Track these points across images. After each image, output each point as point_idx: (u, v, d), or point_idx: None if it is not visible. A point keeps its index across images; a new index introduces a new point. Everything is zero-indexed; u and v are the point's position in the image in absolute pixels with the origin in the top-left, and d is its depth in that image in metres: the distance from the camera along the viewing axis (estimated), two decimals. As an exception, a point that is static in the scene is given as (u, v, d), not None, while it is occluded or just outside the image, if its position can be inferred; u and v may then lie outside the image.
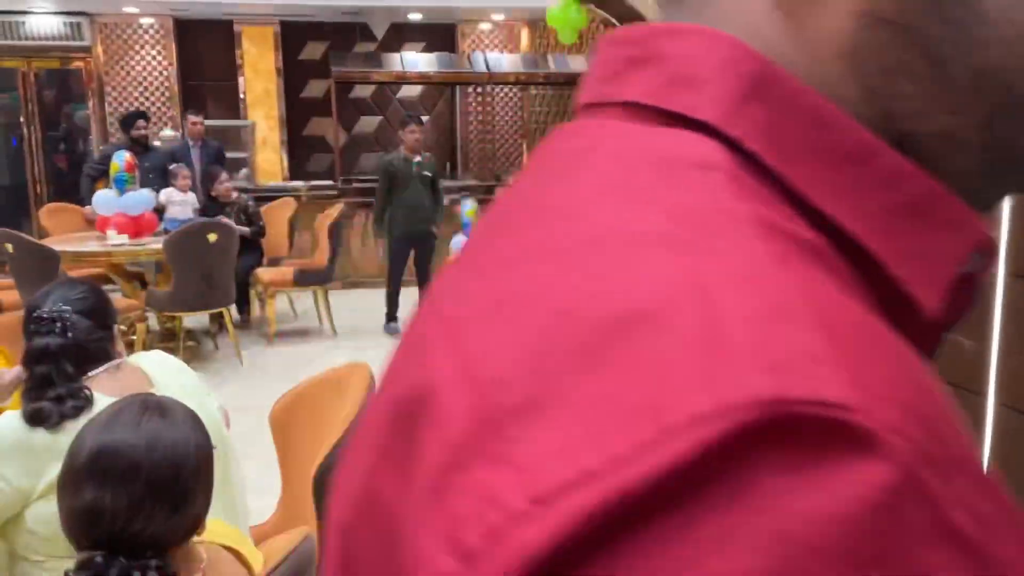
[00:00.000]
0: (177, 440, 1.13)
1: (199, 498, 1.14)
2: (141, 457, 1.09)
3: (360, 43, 9.64)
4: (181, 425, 1.16)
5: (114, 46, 8.85)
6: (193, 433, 1.16)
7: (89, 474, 1.07)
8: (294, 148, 9.61)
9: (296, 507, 1.98)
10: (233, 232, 5.58)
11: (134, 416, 1.12)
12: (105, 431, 1.10)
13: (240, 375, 5.43)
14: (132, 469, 1.08)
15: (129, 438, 1.10)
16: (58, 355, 1.58)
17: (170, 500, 1.09)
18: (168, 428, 1.13)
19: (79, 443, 1.11)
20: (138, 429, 1.11)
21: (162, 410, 1.16)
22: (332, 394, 2.01)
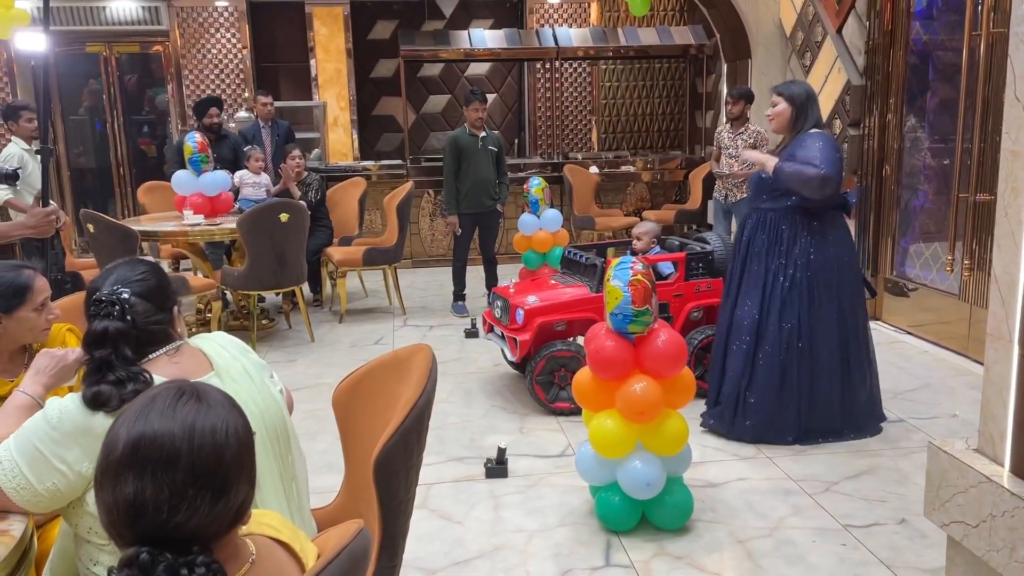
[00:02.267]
0: (216, 425, 1.09)
1: (243, 484, 1.10)
2: (180, 444, 1.05)
3: (428, 21, 9.61)
4: (219, 409, 1.12)
5: (190, 30, 9.04)
6: (232, 417, 1.12)
7: (127, 466, 1.04)
8: (364, 128, 9.67)
9: (359, 489, 1.96)
10: (304, 212, 5.64)
11: (170, 403, 1.09)
12: (141, 420, 1.06)
13: (312, 353, 5.51)
14: (172, 457, 1.05)
15: (167, 426, 1.06)
16: (117, 338, 1.57)
17: (213, 488, 1.06)
18: (206, 413, 1.10)
19: (113, 435, 1.07)
20: (175, 416, 1.07)
21: (198, 395, 1.12)
22: (394, 376, 1.98)
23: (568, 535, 3.07)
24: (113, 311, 1.59)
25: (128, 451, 1.05)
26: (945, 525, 2.22)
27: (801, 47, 6.55)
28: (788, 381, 3.76)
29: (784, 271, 3.77)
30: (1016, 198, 1.99)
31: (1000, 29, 4.58)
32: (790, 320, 3.75)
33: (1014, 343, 2.00)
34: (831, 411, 3.80)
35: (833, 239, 3.77)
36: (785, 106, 3.79)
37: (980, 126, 4.68)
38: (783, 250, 3.77)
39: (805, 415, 3.78)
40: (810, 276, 3.74)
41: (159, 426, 1.06)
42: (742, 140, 6.32)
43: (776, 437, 3.78)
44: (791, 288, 3.75)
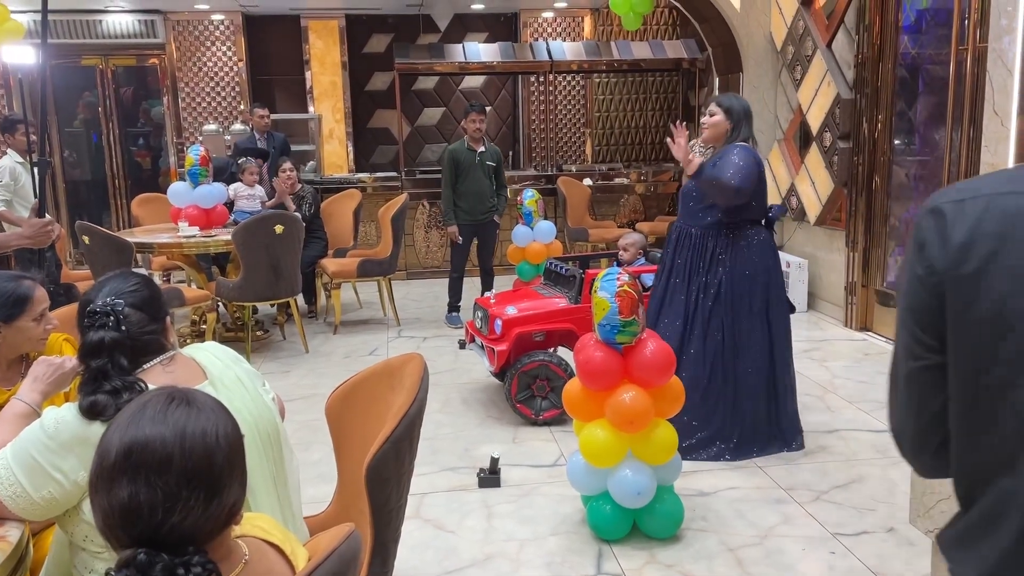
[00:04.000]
0: (206, 428, 1.12)
1: (234, 485, 1.14)
2: (172, 448, 1.08)
3: (423, 35, 9.69)
4: (209, 413, 1.15)
5: (186, 43, 9.09)
6: (221, 420, 1.16)
7: (121, 471, 1.06)
8: (359, 140, 9.73)
9: (352, 497, 1.99)
10: (299, 223, 5.68)
11: (160, 408, 1.12)
12: (132, 426, 1.09)
13: (306, 364, 5.53)
14: (165, 461, 1.08)
15: (158, 430, 1.09)
16: (112, 349, 1.60)
17: (206, 488, 1.09)
18: (196, 417, 1.13)
19: (106, 442, 1.10)
20: (166, 421, 1.10)
21: (188, 400, 1.15)
22: (387, 384, 2.01)
23: (560, 544, 3.09)
24: (108, 322, 1.62)
25: (121, 457, 1.08)
26: (929, 532, 2.25)
27: (792, 61, 6.63)
28: (711, 397, 3.74)
29: (706, 288, 3.75)
30: (995, 210, 2.03)
31: (986, 43, 4.65)
32: (714, 336, 3.74)
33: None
34: (759, 426, 3.78)
35: (758, 255, 3.75)
36: (722, 117, 3.79)
37: (967, 138, 4.75)
38: (705, 267, 3.76)
39: (731, 430, 3.75)
40: (734, 292, 3.72)
41: (151, 431, 1.09)
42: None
43: (705, 453, 3.75)
44: (714, 305, 3.74)
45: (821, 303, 6.50)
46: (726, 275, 3.73)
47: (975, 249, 0.98)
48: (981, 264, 0.97)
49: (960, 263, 0.98)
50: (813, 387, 4.76)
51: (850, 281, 6.04)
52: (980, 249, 0.97)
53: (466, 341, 4.74)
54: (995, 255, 0.96)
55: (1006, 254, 0.96)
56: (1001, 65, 2.01)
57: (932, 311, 1.02)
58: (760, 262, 3.75)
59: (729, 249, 3.75)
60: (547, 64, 8.63)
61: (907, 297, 1.05)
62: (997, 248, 0.96)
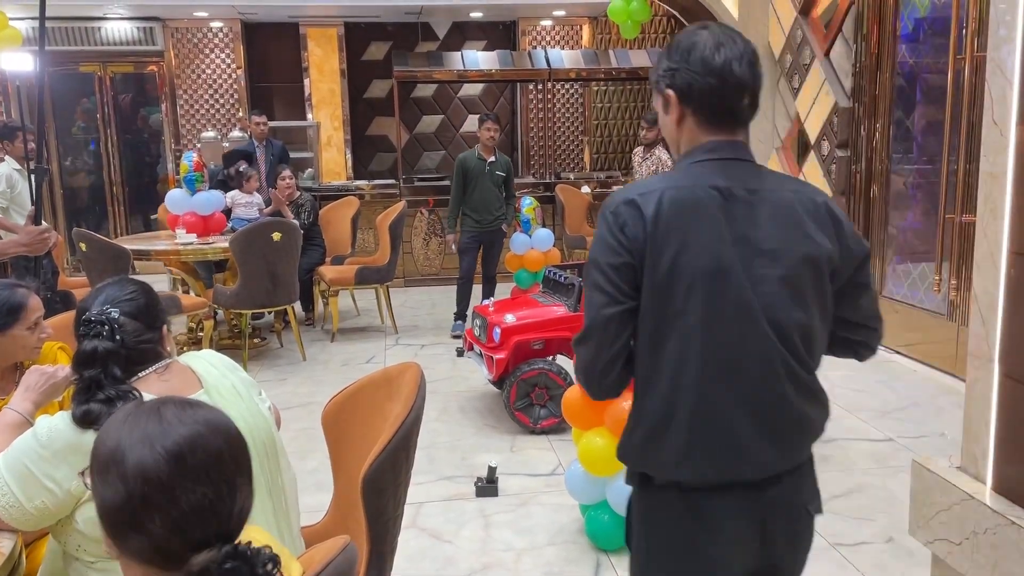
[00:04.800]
0: (220, 417, 1.12)
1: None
2: (212, 440, 1.07)
3: (422, 43, 9.71)
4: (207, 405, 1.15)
5: (185, 50, 9.10)
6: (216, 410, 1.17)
7: (181, 476, 1.03)
8: (358, 148, 9.73)
9: (348, 507, 1.97)
10: (297, 231, 5.67)
11: (180, 411, 1.10)
12: (162, 436, 1.06)
13: (303, 371, 5.52)
14: (216, 454, 1.07)
15: (193, 429, 1.07)
16: (106, 358, 1.59)
17: (247, 472, 1.10)
18: (212, 411, 1.12)
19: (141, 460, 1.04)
20: (195, 419, 1.09)
21: (184, 400, 1.15)
22: (384, 393, 2.00)
23: (558, 553, 3.07)
24: (103, 331, 1.61)
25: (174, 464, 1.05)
26: (929, 543, 2.23)
27: (789, 70, 6.64)
28: None
29: None
30: (995, 220, 2.03)
31: (984, 53, 4.66)
32: None
33: (994, 362, 2.03)
34: None
35: None
36: None
37: (965, 148, 4.76)
38: None
39: None
40: None
41: (187, 431, 1.07)
42: (647, 165, 6.48)
43: None
44: None
45: (819, 311, 6.50)
46: None
47: (659, 225, 1.41)
48: (662, 235, 1.41)
49: (651, 235, 1.41)
50: (812, 396, 4.75)
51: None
52: (661, 225, 1.41)
53: (464, 349, 4.73)
54: (669, 229, 1.41)
55: (676, 228, 1.41)
56: (1000, 75, 2.00)
57: (632, 268, 1.43)
58: None
59: None
60: (545, 72, 8.64)
61: (609, 262, 1.44)
62: (670, 224, 1.41)
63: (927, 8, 5.43)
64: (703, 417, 1.43)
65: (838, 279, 1.50)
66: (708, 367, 1.42)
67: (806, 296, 1.45)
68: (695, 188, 1.43)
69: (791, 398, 1.45)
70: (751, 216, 1.44)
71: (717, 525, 1.46)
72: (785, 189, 1.49)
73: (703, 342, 1.41)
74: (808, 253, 1.44)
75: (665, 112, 1.55)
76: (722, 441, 1.43)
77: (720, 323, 1.41)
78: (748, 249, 1.42)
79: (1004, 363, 2.01)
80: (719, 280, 1.41)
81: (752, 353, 1.42)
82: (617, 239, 1.43)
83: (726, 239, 1.41)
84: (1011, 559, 1.91)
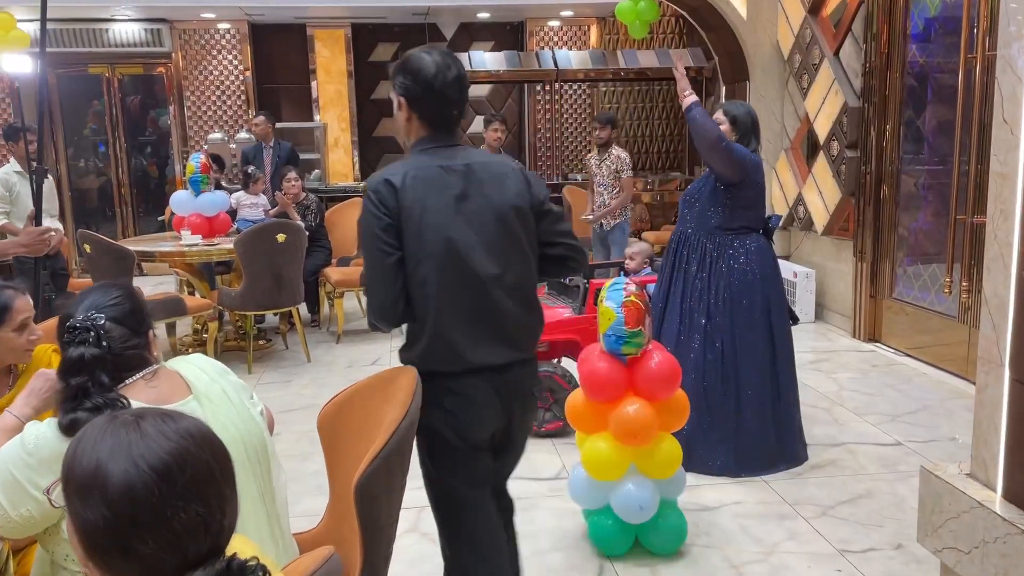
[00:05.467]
0: (201, 425, 1.08)
1: None
2: (200, 454, 1.03)
3: (429, 43, 9.68)
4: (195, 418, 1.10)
5: (192, 51, 9.11)
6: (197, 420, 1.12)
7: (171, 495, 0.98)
8: (365, 148, 9.72)
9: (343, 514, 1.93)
10: (302, 232, 5.65)
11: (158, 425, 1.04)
12: (149, 453, 1.00)
13: (307, 373, 5.49)
14: (206, 469, 1.02)
15: (179, 444, 1.02)
16: (93, 365, 1.54)
17: (233, 483, 1.06)
18: (194, 422, 1.07)
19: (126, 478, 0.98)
20: (178, 432, 1.04)
21: (171, 413, 1.09)
22: (380, 397, 1.96)
23: (560, 559, 3.03)
24: (88, 337, 1.56)
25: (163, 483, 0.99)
26: (938, 551, 2.18)
27: (799, 69, 6.58)
28: (712, 407, 3.66)
29: (705, 293, 3.69)
30: (1005, 221, 1.98)
31: (995, 52, 4.59)
32: (714, 343, 3.67)
33: (1005, 367, 1.98)
34: (765, 441, 3.69)
35: (756, 262, 3.69)
36: (728, 127, 3.74)
37: (977, 148, 4.69)
38: (704, 272, 3.70)
39: (733, 443, 3.66)
40: (732, 299, 3.66)
41: (172, 446, 1.02)
42: (606, 165, 6.42)
43: (702, 466, 3.65)
44: (713, 311, 3.67)
45: (829, 313, 6.43)
46: (724, 281, 3.68)
47: (407, 195, 2.00)
48: (410, 203, 2.00)
49: (402, 203, 2.00)
50: (820, 399, 4.69)
51: (858, 292, 5.98)
52: (410, 194, 2.00)
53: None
54: (414, 197, 2.00)
55: (418, 196, 2.00)
56: (1010, 72, 1.95)
57: (395, 228, 2.00)
58: (759, 269, 3.70)
59: (727, 254, 3.70)
60: (553, 73, 8.61)
61: (379, 226, 2.00)
62: (415, 194, 2.00)
63: (937, 7, 5.37)
64: (448, 327, 2.02)
65: (534, 216, 2.14)
66: (444, 290, 2.01)
67: (515, 232, 2.09)
68: (427, 168, 2.04)
69: (510, 310, 2.07)
70: (468, 182, 2.05)
71: (473, 397, 2.08)
72: (489, 161, 2.15)
73: (440, 274, 2.01)
74: (511, 202, 2.08)
75: (398, 110, 2.12)
76: (465, 343, 2.04)
77: (453, 258, 2.01)
78: (468, 203, 2.04)
79: (1015, 368, 1.96)
80: (451, 228, 2.01)
81: (477, 278, 2.03)
82: (380, 209, 1.99)
83: (452, 200, 2.02)
84: (1021, 568, 1.86)
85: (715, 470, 3.67)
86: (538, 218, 2.14)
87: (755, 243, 3.73)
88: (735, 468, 3.67)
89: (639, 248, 4.75)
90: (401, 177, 2.00)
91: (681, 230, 3.88)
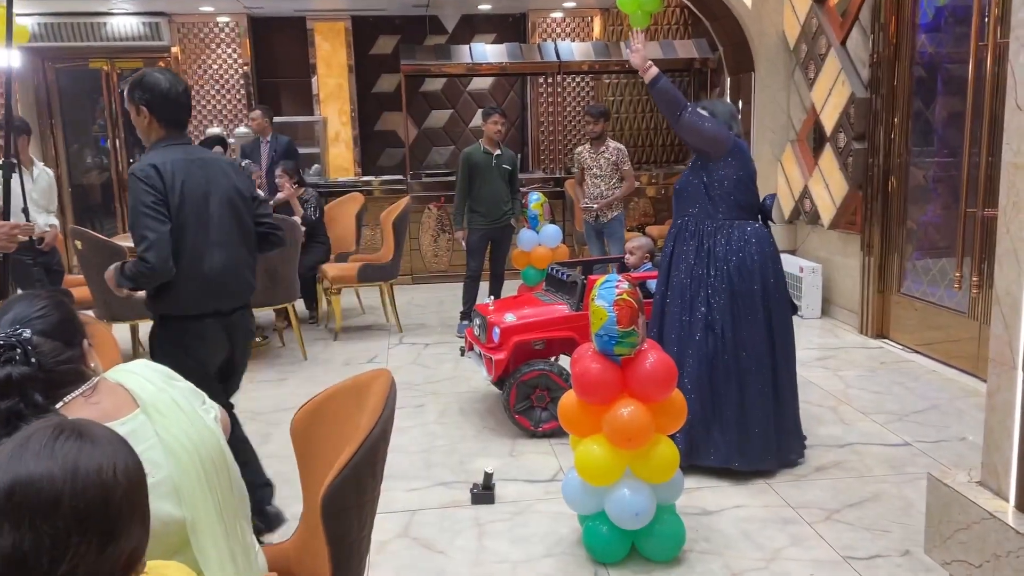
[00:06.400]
0: (102, 464, 0.97)
1: (134, 528, 0.99)
2: (62, 487, 0.93)
3: (430, 36, 9.56)
4: (105, 446, 1.00)
5: (191, 45, 9.02)
6: (121, 453, 1.00)
7: (3, 515, 0.92)
8: (366, 143, 9.61)
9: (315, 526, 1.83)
10: (297, 228, 5.55)
11: (47, 442, 0.96)
12: (15, 463, 0.94)
13: (303, 371, 5.40)
14: (53, 502, 0.93)
15: (45, 467, 0.94)
16: (23, 384, 1.39)
17: (100, 532, 0.95)
18: (90, 451, 0.97)
19: None
20: (53, 455, 0.95)
21: (80, 432, 1.00)
22: (354, 402, 1.86)
23: (554, 566, 2.93)
24: (15, 355, 1.41)
25: (3, 499, 0.93)
26: (947, 564, 2.07)
27: (805, 60, 6.44)
28: (715, 398, 3.56)
29: (707, 280, 3.60)
30: (1018, 213, 1.86)
31: (1007, 40, 4.44)
32: (716, 331, 3.57)
33: (1018, 369, 1.87)
34: (767, 432, 3.58)
35: (756, 249, 3.59)
36: None
37: (988, 139, 4.55)
38: (705, 260, 3.62)
39: (736, 434, 3.55)
40: (733, 287, 3.56)
41: (36, 468, 0.94)
42: (604, 159, 6.29)
43: (704, 457, 3.55)
44: (714, 299, 3.58)
45: (836, 309, 6.30)
46: (724, 269, 3.58)
47: (168, 177, 2.69)
48: (173, 181, 2.69)
49: (168, 183, 2.68)
50: (826, 398, 4.57)
51: (865, 287, 5.84)
52: (168, 176, 2.69)
53: (466, 349, 4.59)
54: (174, 179, 2.70)
55: (176, 179, 2.70)
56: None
57: (164, 202, 2.67)
58: (758, 256, 3.59)
59: (725, 242, 3.61)
60: (555, 65, 8.48)
61: (152, 201, 2.65)
62: (174, 176, 2.70)
63: (948, -6, 5.22)
64: (193, 280, 2.76)
65: (249, 200, 2.93)
66: (195, 251, 2.74)
67: (240, 210, 2.87)
68: (175, 160, 2.72)
69: (236, 268, 2.86)
70: (203, 170, 2.79)
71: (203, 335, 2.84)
72: (210, 156, 2.91)
73: (192, 240, 2.73)
74: (235, 187, 2.86)
75: (139, 116, 2.77)
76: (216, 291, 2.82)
77: (201, 228, 2.75)
78: (208, 186, 2.78)
79: (1029, 370, 1.84)
80: (200, 204, 2.75)
81: (214, 243, 2.78)
82: (152, 188, 2.64)
83: (200, 182, 2.75)
84: (1036, 586, 1.75)
85: (718, 462, 3.56)
86: (250, 202, 2.91)
87: (753, 230, 3.63)
88: (737, 460, 3.56)
89: (639, 243, 4.63)
90: (163, 164, 2.68)
91: (679, 222, 3.77)
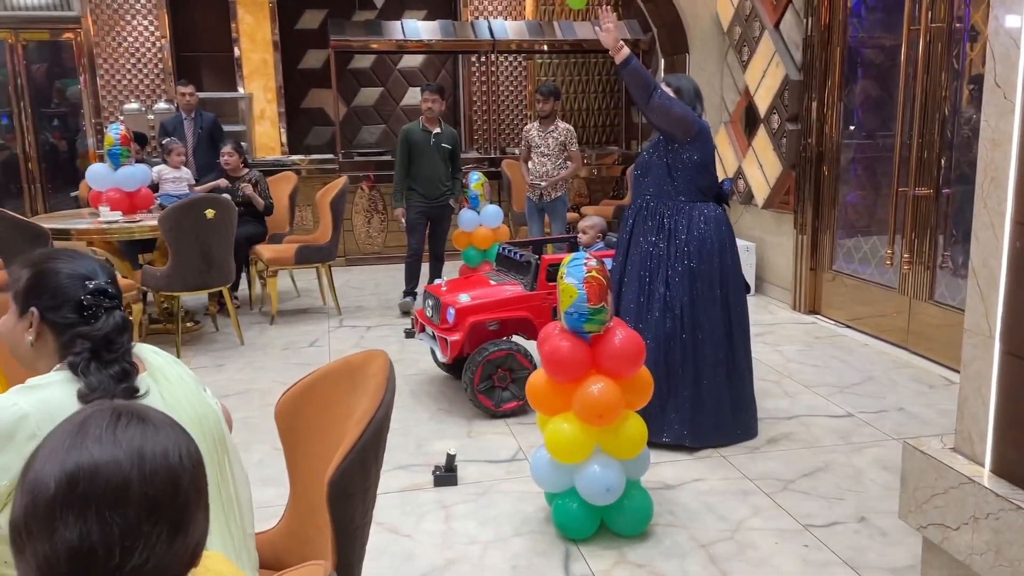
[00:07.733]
0: (168, 448, 0.90)
1: (200, 515, 0.92)
2: (130, 473, 0.86)
3: (359, 11, 9.32)
4: (167, 430, 0.93)
5: (104, 16, 8.54)
6: (183, 438, 0.94)
7: (66, 506, 0.83)
8: (293, 121, 9.32)
9: (308, 512, 1.76)
10: (232, 208, 5.34)
11: (107, 426, 0.88)
12: (75, 450, 0.86)
13: (242, 357, 5.22)
14: (121, 489, 0.85)
15: (109, 452, 0.86)
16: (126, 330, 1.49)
17: (170, 522, 0.87)
18: (153, 434, 0.90)
19: (38, 474, 0.86)
20: (116, 441, 0.87)
21: (140, 416, 0.92)
22: (347, 385, 1.79)
23: (524, 545, 2.92)
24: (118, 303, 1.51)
25: (64, 488, 0.84)
26: (922, 527, 2.14)
27: (739, 42, 6.55)
28: (671, 376, 3.62)
29: (666, 260, 3.64)
30: (996, 188, 1.92)
31: (938, 24, 4.62)
32: (674, 311, 3.62)
33: (995, 339, 1.94)
34: (721, 411, 3.66)
35: (713, 230, 3.64)
36: None
37: (920, 120, 4.73)
38: (664, 240, 3.65)
39: (690, 413, 3.61)
40: (690, 267, 3.61)
41: (100, 454, 0.86)
42: (552, 137, 6.37)
43: (657, 435, 3.56)
44: (671, 279, 3.63)
45: (769, 287, 6.48)
46: (683, 249, 3.61)
47: None
48: None
49: None
50: (769, 372, 4.69)
51: (799, 264, 6.02)
52: None
53: (415, 331, 4.52)
54: None
55: None
56: (1003, 34, 1.88)
57: None
58: (716, 237, 3.64)
59: (685, 223, 3.63)
60: (488, 43, 8.39)
61: None
62: None
63: (878, -21, 5.38)
64: None
65: None
66: None
67: None
68: None
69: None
70: None
71: None
72: None
73: None
74: None
75: None
76: None
77: None
78: None
79: (1006, 340, 1.92)
80: None
81: None
82: None
83: None
84: (1017, 544, 1.82)
85: (671, 440, 3.61)
86: None
87: (713, 211, 3.68)
88: (689, 438, 3.61)
89: (592, 222, 4.64)
90: None
91: (639, 202, 3.79)
